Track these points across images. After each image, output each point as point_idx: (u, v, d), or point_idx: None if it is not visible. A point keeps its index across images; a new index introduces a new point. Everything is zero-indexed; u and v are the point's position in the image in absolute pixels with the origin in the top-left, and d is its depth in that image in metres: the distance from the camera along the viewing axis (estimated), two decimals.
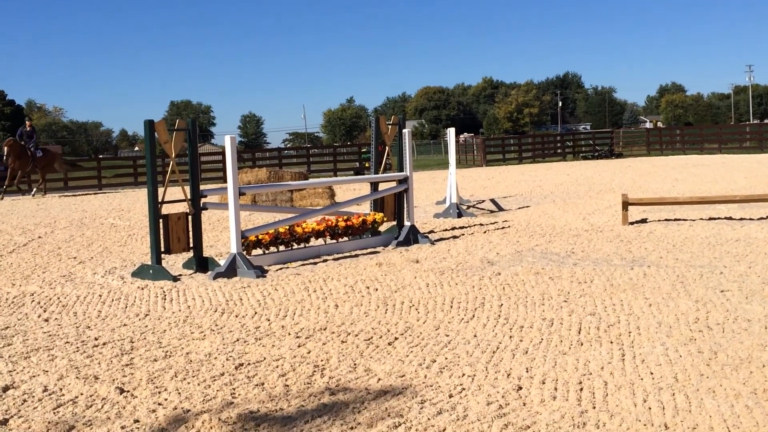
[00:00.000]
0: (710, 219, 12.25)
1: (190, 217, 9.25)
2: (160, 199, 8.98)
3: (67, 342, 6.10)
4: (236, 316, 6.86)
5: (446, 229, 12.51)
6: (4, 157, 23.56)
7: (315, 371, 5.13)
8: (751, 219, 12.02)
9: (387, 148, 11.90)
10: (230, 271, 8.78)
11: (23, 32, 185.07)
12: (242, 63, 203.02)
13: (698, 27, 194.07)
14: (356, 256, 10.08)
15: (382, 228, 11.54)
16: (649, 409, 4.22)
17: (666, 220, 12.41)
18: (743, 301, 6.62)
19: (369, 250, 10.50)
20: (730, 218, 12.23)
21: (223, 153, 31.03)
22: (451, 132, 15.99)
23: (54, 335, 6.35)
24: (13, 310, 7.45)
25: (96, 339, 6.17)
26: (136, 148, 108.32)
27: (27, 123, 24.11)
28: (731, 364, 4.93)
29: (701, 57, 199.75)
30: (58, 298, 7.94)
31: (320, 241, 10.57)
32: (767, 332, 5.64)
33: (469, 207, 15.79)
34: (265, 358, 5.47)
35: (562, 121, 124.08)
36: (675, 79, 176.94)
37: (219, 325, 6.56)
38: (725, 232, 10.75)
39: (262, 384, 4.90)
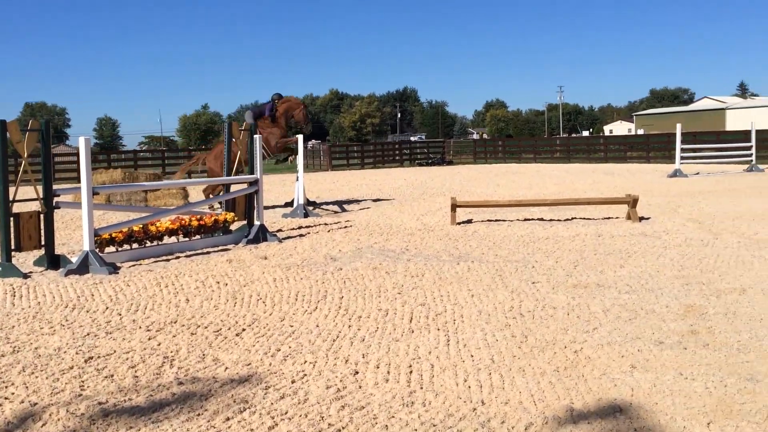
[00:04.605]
0: (525, 220, 12.87)
1: (42, 216, 8.72)
2: (11, 198, 8.42)
3: None
4: (87, 312, 6.52)
5: (293, 228, 12.46)
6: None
7: (165, 362, 4.96)
8: (558, 220, 12.73)
9: (239, 152, 11.71)
10: (82, 268, 8.34)
11: None
12: (99, 67, 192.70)
13: (518, 52, 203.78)
14: (208, 253, 9.85)
15: (234, 227, 11.35)
16: (469, 387, 4.38)
17: (488, 220, 12.93)
18: (550, 292, 7.01)
19: (220, 248, 10.29)
20: (542, 219, 12.89)
21: (78, 154, 29.39)
22: (299, 139, 15.94)
23: None
24: None
25: None
26: None
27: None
28: (539, 346, 5.21)
29: (521, 77, 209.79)
30: None
31: (173, 239, 10.26)
32: (569, 318, 6.00)
33: (315, 208, 15.80)
34: (115, 351, 5.24)
35: (400, 131, 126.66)
36: (499, 96, 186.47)
37: (69, 320, 6.21)
38: (537, 232, 11.32)
39: (112, 376, 4.69)
